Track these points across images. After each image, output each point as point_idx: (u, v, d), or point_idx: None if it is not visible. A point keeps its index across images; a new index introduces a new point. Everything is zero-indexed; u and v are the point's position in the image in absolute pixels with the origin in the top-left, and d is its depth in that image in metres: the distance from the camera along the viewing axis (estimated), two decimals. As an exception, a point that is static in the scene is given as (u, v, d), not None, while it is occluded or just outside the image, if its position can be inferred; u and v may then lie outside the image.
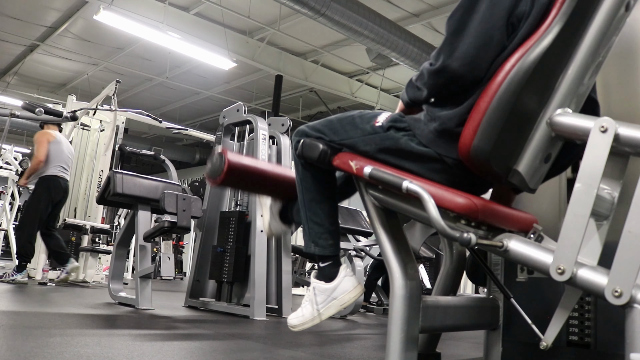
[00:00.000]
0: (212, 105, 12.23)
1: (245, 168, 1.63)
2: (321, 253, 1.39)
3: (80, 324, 2.32)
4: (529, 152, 1.14)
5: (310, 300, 1.40)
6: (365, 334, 3.12)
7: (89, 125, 6.62)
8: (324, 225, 1.38)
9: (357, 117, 1.32)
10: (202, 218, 3.83)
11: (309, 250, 1.40)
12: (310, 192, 1.39)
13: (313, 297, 1.40)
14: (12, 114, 3.74)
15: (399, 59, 7.60)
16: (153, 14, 7.74)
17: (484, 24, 1.11)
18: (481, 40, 1.10)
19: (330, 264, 1.39)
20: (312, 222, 1.39)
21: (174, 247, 9.96)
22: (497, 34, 1.11)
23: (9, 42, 9.52)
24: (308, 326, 1.41)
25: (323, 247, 1.38)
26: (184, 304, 3.81)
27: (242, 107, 3.99)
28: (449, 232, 1.05)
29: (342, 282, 1.37)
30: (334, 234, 1.40)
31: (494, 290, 1.60)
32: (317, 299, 1.39)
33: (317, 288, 1.39)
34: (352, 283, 1.37)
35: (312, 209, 1.39)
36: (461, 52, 1.10)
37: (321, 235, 1.38)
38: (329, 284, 1.38)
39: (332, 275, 1.38)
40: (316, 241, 1.38)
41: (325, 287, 1.38)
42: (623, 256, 0.95)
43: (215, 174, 1.57)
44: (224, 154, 1.56)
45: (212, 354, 1.85)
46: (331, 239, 1.39)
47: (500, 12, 1.11)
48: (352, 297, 1.37)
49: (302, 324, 1.42)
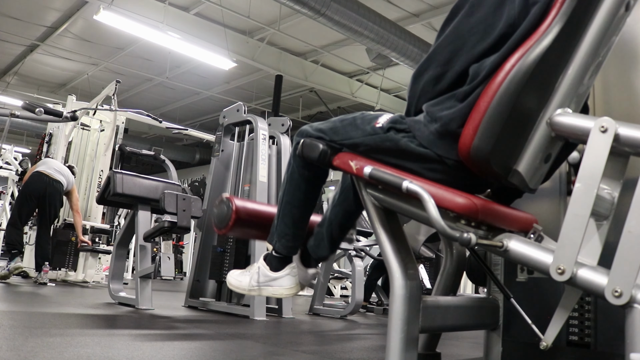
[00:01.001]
0: (212, 105, 12.24)
1: (254, 214, 1.58)
2: (278, 250, 1.46)
3: (80, 324, 2.32)
4: (529, 152, 1.14)
5: (251, 275, 1.50)
6: (365, 334, 3.12)
7: (89, 125, 6.62)
8: (290, 228, 1.44)
9: (358, 118, 1.32)
10: (202, 218, 3.83)
11: (271, 242, 1.47)
12: (289, 195, 1.43)
13: (256, 274, 1.49)
14: (12, 114, 3.74)
15: (399, 59, 7.60)
16: (153, 14, 7.74)
17: (457, 29, 1.17)
18: (454, 44, 1.16)
19: (281, 258, 1.47)
20: (281, 220, 1.44)
21: (174, 247, 9.96)
22: (471, 38, 1.14)
23: (9, 42, 9.53)
24: (239, 292, 1.52)
25: (283, 246, 1.45)
26: (184, 304, 3.81)
27: (242, 107, 4.00)
28: (449, 232, 1.05)
29: (282, 278, 1.47)
30: (297, 238, 1.46)
31: (494, 290, 1.60)
32: (259, 278, 1.48)
33: (261, 268, 1.48)
34: (290, 283, 1.47)
35: (286, 210, 1.44)
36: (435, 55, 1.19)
37: (285, 235, 1.44)
38: (272, 273, 1.47)
39: (277, 267, 1.47)
40: (279, 238, 1.45)
41: (267, 273, 1.47)
42: (623, 256, 0.95)
43: (223, 222, 1.53)
44: (230, 201, 1.52)
45: (212, 354, 1.85)
46: (292, 241, 1.45)
47: (475, 20, 1.15)
48: (285, 294, 1.47)
49: (236, 287, 1.52)
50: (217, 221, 1.56)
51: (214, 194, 4.03)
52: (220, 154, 4.10)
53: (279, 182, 4.08)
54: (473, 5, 1.17)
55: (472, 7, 1.17)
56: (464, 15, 1.17)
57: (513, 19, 1.12)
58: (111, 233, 6.51)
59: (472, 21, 1.16)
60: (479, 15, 1.15)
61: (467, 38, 1.15)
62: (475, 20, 1.15)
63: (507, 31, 1.12)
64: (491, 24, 1.14)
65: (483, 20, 1.15)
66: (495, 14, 1.14)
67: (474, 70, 1.13)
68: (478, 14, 1.15)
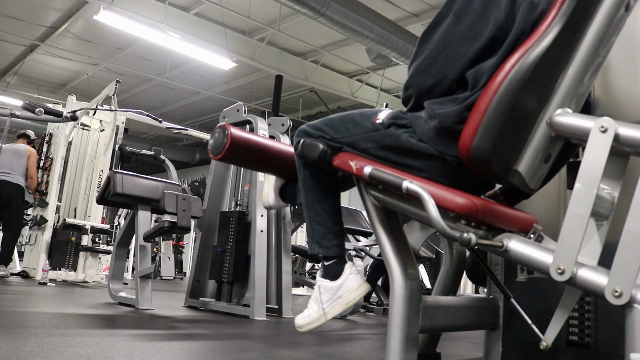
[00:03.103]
0: (212, 105, 12.23)
1: (248, 143, 1.60)
2: (325, 254, 1.38)
3: (80, 324, 2.32)
4: (529, 152, 1.14)
5: (316, 300, 1.39)
6: (365, 334, 3.12)
7: (89, 125, 6.62)
8: (327, 225, 1.38)
9: (358, 115, 1.32)
10: (202, 218, 3.83)
11: (314, 252, 1.39)
12: (312, 192, 1.39)
13: (319, 296, 1.39)
14: (12, 114, 3.73)
15: (399, 59, 7.60)
16: (153, 14, 7.74)
17: (446, 37, 1.17)
18: (444, 53, 1.17)
19: (335, 262, 1.38)
20: (315, 223, 1.38)
21: (174, 247, 9.96)
22: (461, 46, 1.15)
23: (9, 42, 9.52)
24: (314, 325, 1.39)
25: (327, 248, 1.38)
26: (184, 304, 3.81)
27: (242, 107, 4.00)
28: (449, 232, 1.05)
29: (347, 280, 1.36)
30: (337, 233, 1.39)
31: (494, 290, 1.60)
32: (323, 298, 1.37)
33: (322, 287, 1.39)
34: (357, 281, 1.37)
35: (315, 209, 1.38)
36: (418, 62, 1.21)
37: (325, 235, 1.37)
38: (334, 282, 1.37)
39: (337, 274, 1.38)
40: (320, 242, 1.38)
41: (330, 286, 1.37)
42: (623, 256, 0.95)
43: (218, 148, 1.54)
44: (226, 128, 1.54)
45: (212, 354, 1.85)
46: (335, 239, 1.38)
47: (463, 28, 1.16)
48: (358, 295, 1.36)
49: (308, 323, 1.39)
50: (213, 147, 1.56)
51: (214, 194, 4.03)
52: (220, 154, 4.09)
53: (279, 182, 4.08)
54: (458, 13, 1.17)
55: (458, 15, 1.17)
56: (450, 24, 1.18)
57: (501, 22, 1.13)
58: (111, 233, 6.51)
59: (460, 29, 1.16)
60: (467, 23, 1.16)
61: (458, 46, 1.16)
62: (464, 28, 1.16)
63: (496, 34, 1.13)
64: (479, 30, 1.14)
65: (471, 27, 1.15)
66: (482, 20, 1.15)
67: (473, 76, 1.14)
68: (465, 22, 1.16)
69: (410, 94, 1.24)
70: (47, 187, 5.97)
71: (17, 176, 5.30)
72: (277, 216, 3.97)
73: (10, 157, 5.32)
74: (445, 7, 1.21)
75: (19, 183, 5.31)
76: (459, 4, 1.18)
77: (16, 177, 5.29)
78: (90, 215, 6.20)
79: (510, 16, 1.13)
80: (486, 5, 1.15)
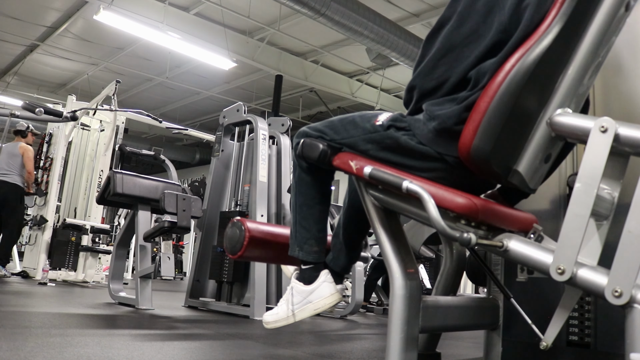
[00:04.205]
0: (212, 105, 12.24)
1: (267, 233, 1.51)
2: (304, 258, 1.39)
3: (80, 324, 2.32)
4: (529, 152, 1.14)
5: (287, 300, 1.40)
6: (365, 334, 3.12)
7: (89, 125, 6.62)
8: (311, 230, 1.38)
9: (358, 117, 1.33)
10: (202, 218, 3.83)
11: (293, 254, 1.40)
12: (303, 195, 1.40)
13: (290, 297, 1.39)
14: (12, 114, 3.73)
15: (399, 59, 7.60)
16: (153, 14, 7.74)
17: (449, 40, 1.17)
18: (447, 57, 1.17)
19: (312, 268, 1.39)
20: (300, 226, 1.39)
21: (174, 247, 9.96)
22: (464, 49, 1.15)
23: (9, 42, 9.52)
24: (281, 325, 1.40)
25: (307, 253, 1.38)
26: (184, 304, 3.81)
27: (242, 107, 4.00)
28: (449, 232, 1.05)
29: (320, 287, 1.37)
30: (320, 240, 1.40)
31: (494, 290, 1.60)
32: (294, 300, 1.39)
33: (295, 289, 1.40)
34: (329, 290, 1.37)
35: (302, 213, 1.39)
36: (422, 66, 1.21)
37: (307, 240, 1.38)
38: (307, 287, 1.38)
39: (311, 279, 1.38)
40: (301, 245, 1.38)
41: (302, 289, 1.38)
42: (623, 256, 0.95)
43: (235, 247, 1.47)
44: (243, 224, 1.46)
45: (212, 354, 1.85)
46: (316, 245, 1.39)
47: (466, 31, 1.16)
48: (328, 304, 1.37)
49: (275, 321, 1.41)
50: (230, 245, 1.48)
51: (214, 194, 4.03)
52: (220, 154, 4.10)
53: (279, 182, 4.09)
54: (462, 16, 1.17)
55: (461, 18, 1.17)
56: (454, 26, 1.18)
57: (504, 25, 1.13)
58: (111, 233, 6.51)
59: (463, 32, 1.16)
60: (470, 25, 1.16)
61: (461, 49, 1.16)
62: (467, 31, 1.16)
63: (499, 37, 1.13)
64: (482, 33, 1.14)
65: (475, 30, 1.15)
66: (486, 23, 1.14)
67: (474, 76, 1.14)
68: (468, 24, 1.16)
69: (412, 95, 1.24)
70: (47, 187, 5.97)
71: (14, 175, 5.30)
72: (278, 216, 3.97)
73: (5, 157, 5.33)
74: (448, 9, 1.21)
75: (16, 182, 5.30)
76: (462, 6, 1.17)
77: (12, 177, 5.28)
78: (90, 215, 6.20)
79: (514, 18, 1.12)
80: (490, 7, 1.14)
